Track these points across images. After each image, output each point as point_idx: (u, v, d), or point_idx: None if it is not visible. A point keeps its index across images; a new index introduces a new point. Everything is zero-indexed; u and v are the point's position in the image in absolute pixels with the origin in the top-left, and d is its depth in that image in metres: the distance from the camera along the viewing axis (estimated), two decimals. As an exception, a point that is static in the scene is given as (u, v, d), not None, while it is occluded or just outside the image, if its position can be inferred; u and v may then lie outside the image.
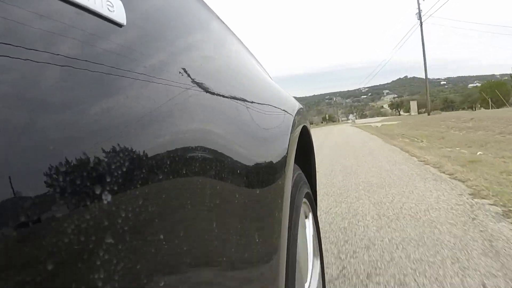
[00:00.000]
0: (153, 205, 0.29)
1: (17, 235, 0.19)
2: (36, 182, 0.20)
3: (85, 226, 0.22)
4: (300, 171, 1.03)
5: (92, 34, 0.28)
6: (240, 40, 0.88)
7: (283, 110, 0.86)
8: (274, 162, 0.64)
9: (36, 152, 0.21)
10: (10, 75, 0.21)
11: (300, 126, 0.99)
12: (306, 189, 1.01)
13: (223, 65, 0.61)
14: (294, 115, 0.91)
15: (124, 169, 0.26)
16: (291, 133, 0.80)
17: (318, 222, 1.16)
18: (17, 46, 0.22)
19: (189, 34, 0.51)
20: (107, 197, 0.24)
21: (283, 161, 0.68)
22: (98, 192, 0.24)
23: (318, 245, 1.12)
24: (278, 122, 0.79)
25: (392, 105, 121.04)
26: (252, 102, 0.66)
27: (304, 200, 0.97)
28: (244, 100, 0.62)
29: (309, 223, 1.05)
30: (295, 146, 0.86)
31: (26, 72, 0.22)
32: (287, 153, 0.71)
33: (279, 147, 0.69)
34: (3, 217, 0.18)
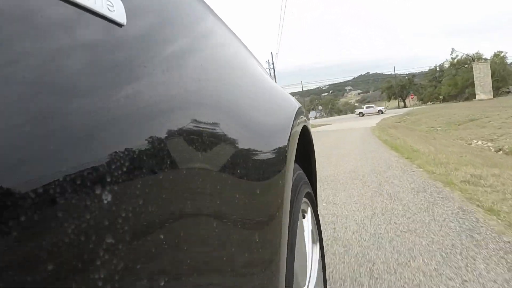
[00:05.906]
0: (151, 205, 0.29)
1: (17, 234, 0.19)
2: (36, 181, 0.20)
3: (85, 224, 0.22)
4: (301, 171, 1.02)
5: (92, 33, 0.29)
6: (240, 40, 0.86)
7: (283, 109, 0.86)
8: (274, 161, 0.63)
9: (36, 151, 0.21)
10: (10, 75, 0.21)
11: (300, 126, 0.99)
12: (307, 189, 1.01)
13: (223, 64, 0.61)
14: (293, 115, 0.90)
15: (124, 169, 0.26)
16: (291, 132, 0.80)
17: (319, 221, 1.16)
18: (17, 46, 0.22)
19: (189, 33, 0.51)
20: (106, 196, 0.24)
21: (283, 160, 0.67)
22: (98, 191, 0.24)
23: (319, 247, 1.12)
24: (278, 121, 0.78)
25: (390, 90, 55.50)
26: (252, 102, 0.66)
27: (305, 199, 0.96)
28: (244, 100, 0.61)
29: (308, 223, 1.04)
30: (295, 145, 0.86)
31: (26, 72, 0.22)
32: (287, 152, 0.70)
33: (279, 146, 0.69)
34: (3, 217, 0.18)
